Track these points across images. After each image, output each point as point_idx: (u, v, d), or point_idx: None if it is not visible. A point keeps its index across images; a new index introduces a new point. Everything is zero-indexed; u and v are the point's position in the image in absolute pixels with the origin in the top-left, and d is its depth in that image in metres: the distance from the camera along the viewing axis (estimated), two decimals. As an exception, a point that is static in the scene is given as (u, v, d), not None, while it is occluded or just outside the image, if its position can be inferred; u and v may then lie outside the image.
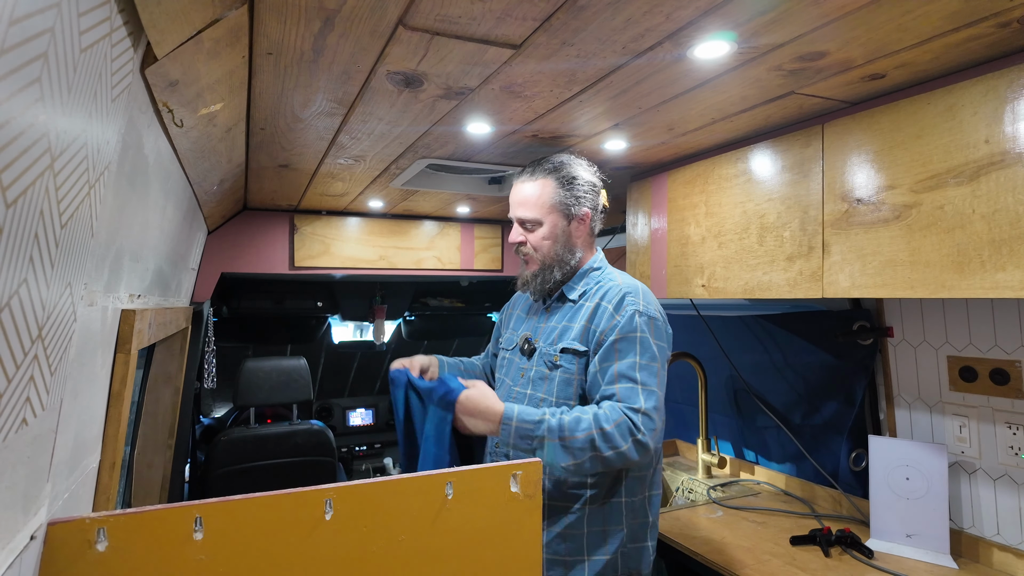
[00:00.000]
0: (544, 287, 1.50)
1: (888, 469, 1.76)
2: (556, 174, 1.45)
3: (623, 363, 1.30)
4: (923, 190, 1.21)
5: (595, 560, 1.36)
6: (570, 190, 1.45)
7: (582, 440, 1.23)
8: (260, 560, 0.75)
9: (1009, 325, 1.58)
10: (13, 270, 0.48)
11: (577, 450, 1.23)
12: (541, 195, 1.45)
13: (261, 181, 1.96)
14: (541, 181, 1.46)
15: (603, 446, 1.22)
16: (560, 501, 1.38)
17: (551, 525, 1.38)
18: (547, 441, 1.24)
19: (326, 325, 4.02)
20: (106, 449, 1.01)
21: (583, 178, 1.47)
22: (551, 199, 1.45)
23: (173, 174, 1.22)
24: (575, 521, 1.37)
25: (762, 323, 2.30)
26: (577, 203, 1.46)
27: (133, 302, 1.13)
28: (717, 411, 2.60)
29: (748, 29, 0.97)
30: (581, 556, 1.36)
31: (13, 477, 0.57)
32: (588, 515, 1.37)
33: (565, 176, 1.45)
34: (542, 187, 1.45)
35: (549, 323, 1.49)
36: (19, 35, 0.41)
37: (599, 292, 1.42)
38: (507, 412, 1.28)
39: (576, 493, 1.37)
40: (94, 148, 0.64)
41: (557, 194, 1.45)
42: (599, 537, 1.37)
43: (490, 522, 0.90)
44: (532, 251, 1.48)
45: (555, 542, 1.37)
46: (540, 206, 1.45)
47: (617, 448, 1.22)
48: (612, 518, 1.38)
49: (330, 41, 0.97)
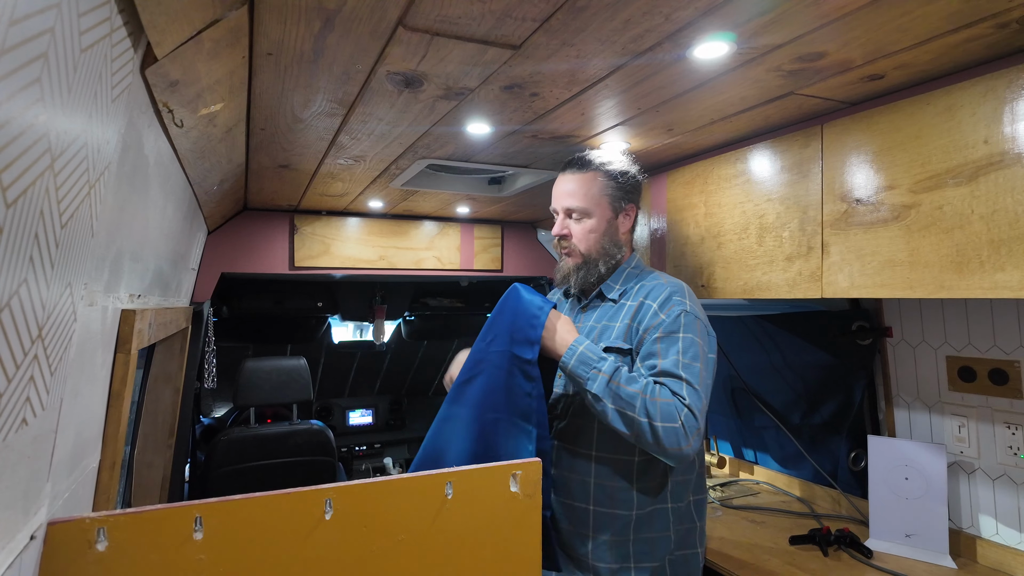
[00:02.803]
0: (587, 280, 1.46)
1: (887, 469, 1.76)
2: (606, 167, 1.44)
3: (667, 360, 1.27)
4: (922, 190, 1.21)
5: (642, 568, 1.33)
6: (621, 184, 1.44)
7: (628, 393, 1.22)
8: (260, 560, 0.75)
9: (1008, 325, 1.58)
10: (13, 270, 0.48)
11: (620, 398, 1.22)
12: (592, 186, 1.43)
13: (261, 181, 1.96)
14: (591, 173, 1.43)
15: (642, 413, 1.20)
16: (606, 507, 1.34)
17: (597, 533, 1.34)
18: (600, 375, 1.24)
19: (326, 325, 4.02)
20: (106, 449, 1.01)
21: (631, 172, 1.46)
22: (601, 190, 1.43)
23: (173, 174, 1.22)
24: (621, 528, 1.33)
25: (761, 323, 2.30)
26: (626, 197, 1.45)
27: (133, 302, 1.13)
28: (716, 411, 2.60)
29: (747, 30, 0.97)
30: (628, 564, 1.33)
31: (13, 477, 0.57)
32: (635, 522, 1.33)
33: (616, 170, 1.44)
34: (594, 177, 1.43)
35: (588, 322, 1.46)
36: (19, 35, 0.41)
37: (642, 291, 1.39)
38: (580, 338, 1.31)
39: (623, 498, 1.34)
40: (94, 148, 0.64)
41: (608, 186, 1.43)
42: (646, 545, 1.34)
43: (490, 522, 0.91)
44: (576, 244, 1.45)
45: (600, 550, 1.34)
46: (590, 197, 1.43)
47: (654, 422, 1.19)
48: (658, 524, 1.35)
49: (330, 41, 0.97)
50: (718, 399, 2.57)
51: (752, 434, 2.45)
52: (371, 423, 4.30)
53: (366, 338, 4.54)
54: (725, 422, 2.58)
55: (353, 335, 5.01)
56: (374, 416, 4.31)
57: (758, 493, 2.22)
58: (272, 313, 3.48)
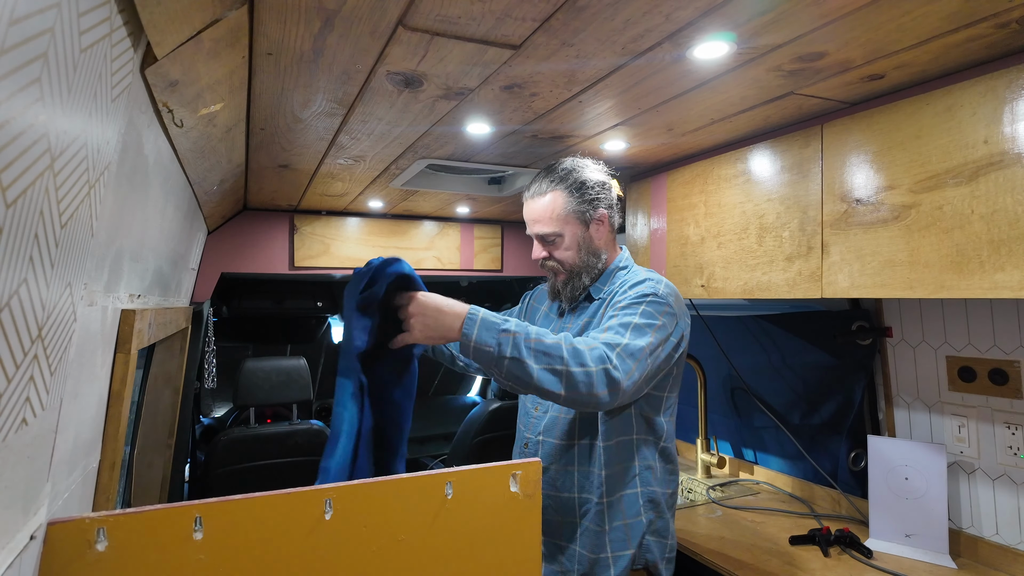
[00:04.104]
0: (575, 294, 1.48)
1: (887, 469, 1.76)
2: (564, 183, 1.42)
3: (616, 320, 1.26)
4: (922, 190, 1.21)
5: (620, 556, 1.36)
6: (582, 195, 1.43)
7: (549, 345, 1.13)
8: (260, 560, 0.75)
9: (1008, 325, 1.58)
10: (13, 270, 0.48)
11: (543, 354, 1.12)
12: (554, 207, 1.42)
13: (261, 181, 1.96)
14: (551, 194, 1.42)
15: (572, 360, 1.12)
16: (586, 494, 1.38)
17: (582, 520, 1.38)
18: (511, 336, 1.12)
19: (326, 325, 4.02)
20: (106, 449, 1.01)
21: (592, 179, 1.44)
22: (564, 209, 1.42)
23: (173, 174, 1.22)
24: (596, 516, 1.37)
25: (761, 323, 2.30)
26: (592, 207, 1.44)
27: (133, 302, 1.13)
28: (716, 411, 2.60)
29: (747, 30, 0.97)
30: (605, 553, 1.36)
31: (13, 477, 0.57)
32: (608, 509, 1.37)
33: (574, 183, 1.42)
34: (553, 199, 1.42)
35: (576, 323, 1.49)
36: (19, 35, 0.41)
37: (625, 284, 1.40)
38: (473, 308, 1.16)
39: (596, 484, 1.37)
40: (94, 148, 0.64)
41: (569, 203, 1.42)
42: (621, 532, 1.37)
43: (490, 522, 0.91)
44: (558, 264, 1.46)
45: (586, 537, 1.38)
46: (556, 219, 1.42)
47: (586, 367, 1.12)
48: (630, 511, 1.38)
49: (330, 41, 0.97)
50: (718, 399, 2.57)
51: (752, 434, 2.45)
52: (371, 423, 4.30)
53: (366, 338, 4.53)
54: (725, 422, 2.58)
55: (353, 335, 4.99)
56: (374, 416, 4.31)
57: (758, 493, 2.22)
58: (272, 313, 3.48)
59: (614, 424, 1.37)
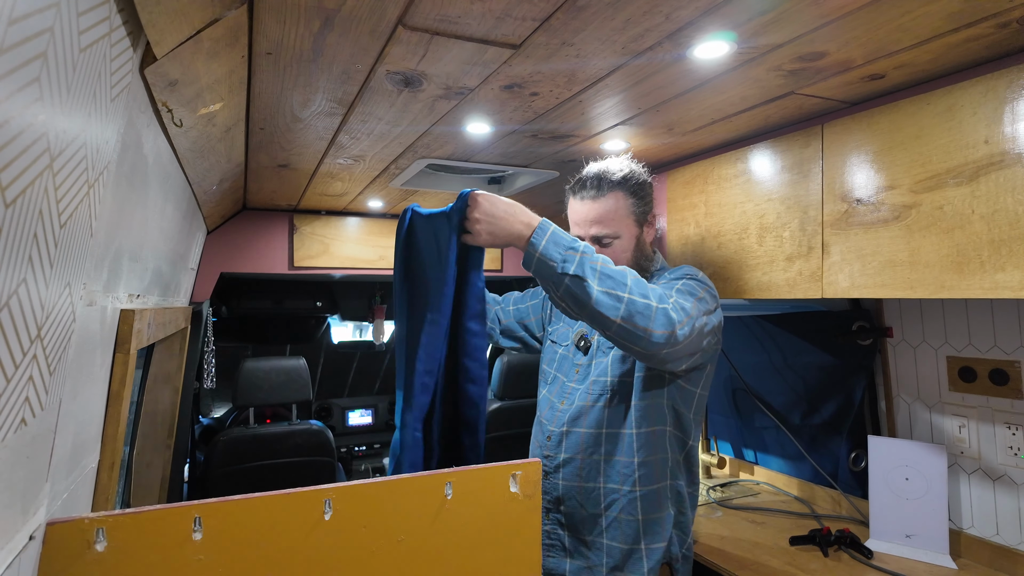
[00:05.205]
0: None
1: (887, 469, 1.76)
2: (625, 185, 1.42)
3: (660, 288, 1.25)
4: (923, 190, 1.21)
5: (653, 549, 1.36)
6: (641, 197, 1.43)
7: (616, 270, 1.11)
8: (259, 560, 0.75)
9: (1008, 325, 1.58)
10: (12, 270, 0.48)
11: (608, 277, 1.10)
12: (617, 208, 1.41)
13: (260, 181, 1.96)
14: (612, 195, 1.41)
15: (636, 288, 1.11)
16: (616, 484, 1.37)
17: (609, 511, 1.38)
18: (583, 255, 1.10)
19: (325, 325, 4.02)
20: (105, 449, 1.01)
21: (647, 180, 1.46)
22: (626, 210, 1.42)
23: (172, 174, 1.22)
24: (628, 506, 1.37)
25: (762, 323, 2.30)
26: (647, 206, 1.45)
27: (132, 302, 1.13)
28: (716, 411, 2.60)
29: (748, 29, 0.97)
30: (639, 544, 1.36)
31: (12, 477, 0.57)
32: (641, 500, 1.36)
33: (634, 184, 1.43)
34: (615, 200, 1.41)
35: None
36: (18, 35, 0.41)
37: (664, 278, 1.42)
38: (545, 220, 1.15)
39: (628, 475, 1.37)
40: (93, 148, 0.64)
41: (629, 203, 1.42)
42: (656, 524, 1.37)
43: (489, 522, 0.90)
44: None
45: (613, 529, 1.37)
46: (617, 220, 1.41)
47: (648, 299, 1.10)
48: (664, 502, 1.38)
49: (329, 41, 0.97)
50: (718, 399, 2.56)
51: (752, 434, 2.45)
52: (370, 423, 4.30)
53: (365, 338, 4.54)
54: (725, 422, 2.58)
55: (352, 335, 5.00)
56: (373, 416, 4.31)
57: (758, 493, 2.22)
58: (271, 313, 3.48)
59: (646, 412, 1.37)
